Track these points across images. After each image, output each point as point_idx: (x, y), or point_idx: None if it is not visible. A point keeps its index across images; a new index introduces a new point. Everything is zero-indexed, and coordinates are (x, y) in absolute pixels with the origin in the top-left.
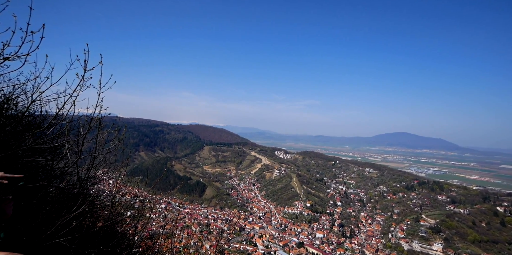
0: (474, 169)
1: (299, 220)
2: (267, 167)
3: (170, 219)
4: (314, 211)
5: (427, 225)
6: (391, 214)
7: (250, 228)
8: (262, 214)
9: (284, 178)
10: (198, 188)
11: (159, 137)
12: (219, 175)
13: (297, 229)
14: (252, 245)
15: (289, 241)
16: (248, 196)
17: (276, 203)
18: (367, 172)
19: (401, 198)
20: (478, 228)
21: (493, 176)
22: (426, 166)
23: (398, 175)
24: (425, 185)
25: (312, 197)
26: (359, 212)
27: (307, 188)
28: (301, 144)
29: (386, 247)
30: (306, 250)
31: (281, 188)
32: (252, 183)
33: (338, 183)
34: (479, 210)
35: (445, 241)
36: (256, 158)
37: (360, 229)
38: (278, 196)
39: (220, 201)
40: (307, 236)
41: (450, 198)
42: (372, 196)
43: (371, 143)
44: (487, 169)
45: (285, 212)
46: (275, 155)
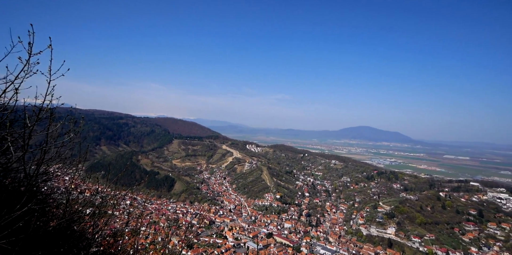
0: (423, 159)
1: (269, 212)
2: (239, 160)
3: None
4: (284, 202)
5: (383, 211)
6: (353, 203)
7: (221, 221)
8: (233, 207)
9: (255, 171)
10: (167, 183)
11: (123, 130)
12: (189, 169)
13: (267, 220)
14: (222, 237)
15: (259, 232)
16: (219, 190)
17: (247, 195)
18: (333, 164)
19: (362, 188)
20: (424, 212)
21: (438, 165)
22: (384, 157)
23: (360, 166)
24: (383, 175)
25: (282, 189)
26: (325, 202)
27: (277, 180)
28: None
29: (347, 233)
30: (274, 240)
31: (252, 181)
32: (223, 177)
33: (306, 175)
34: (426, 196)
35: (397, 225)
36: (227, 151)
37: (326, 218)
38: (249, 189)
39: (189, 196)
40: (276, 226)
41: (403, 186)
42: (337, 186)
43: (337, 136)
44: (434, 159)
45: (255, 204)
46: (247, 149)
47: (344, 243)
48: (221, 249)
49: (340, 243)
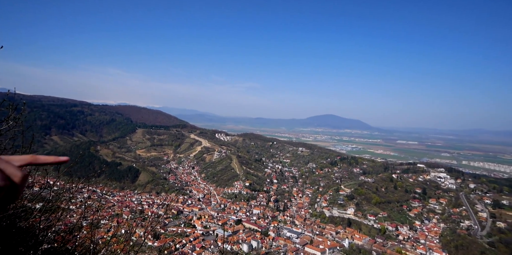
0: (380, 144)
1: (238, 199)
2: (207, 149)
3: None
4: (253, 189)
5: (344, 194)
6: (318, 187)
7: (189, 210)
8: (202, 196)
9: (225, 160)
10: (130, 174)
11: (78, 119)
12: (155, 159)
13: (236, 207)
14: (190, 227)
15: (228, 220)
16: (187, 179)
17: (216, 184)
18: (300, 151)
19: (327, 173)
20: (379, 193)
21: (392, 150)
22: (346, 144)
23: (325, 152)
24: (345, 160)
25: (251, 177)
26: (292, 187)
27: (246, 168)
28: (241, 126)
29: (312, 216)
30: (243, 226)
31: (222, 169)
32: (191, 166)
33: (275, 162)
34: (381, 178)
35: (356, 205)
36: (195, 140)
37: (292, 203)
38: (218, 177)
39: (156, 186)
40: (245, 213)
41: (362, 170)
42: (303, 172)
43: (304, 125)
44: (388, 144)
45: (225, 192)
46: (216, 138)
47: (309, 225)
48: (189, 237)
49: (305, 225)
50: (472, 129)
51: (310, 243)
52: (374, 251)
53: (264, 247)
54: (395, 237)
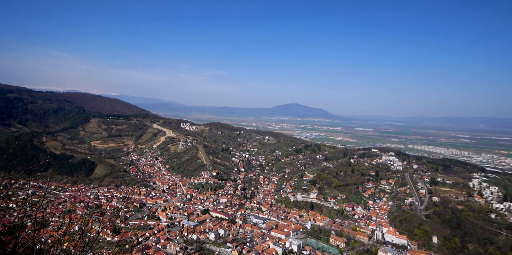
0: (340, 132)
1: (205, 189)
2: (172, 139)
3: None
4: (220, 179)
5: (308, 179)
6: (284, 174)
7: (153, 202)
8: (167, 188)
9: (191, 150)
10: (85, 167)
11: (16, 107)
12: (114, 150)
13: (203, 197)
14: (154, 219)
15: (195, 210)
16: (151, 171)
17: (182, 175)
18: (266, 140)
19: (292, 160)
20: (339, 177)
21: (351, 136)
22: (310, 132)
23: (290, 140)
24: (309, 148)
25: (218, 166)
26: (259, 175)
27: (213, 158)
28: (207, 116)
29: (278, 202)
30: (210, 215)
31: (187, 160)
32: (155, 157)
33: (242, 151)
34: (340, 163)
35: (318, 189)
36: (159, 131)
37: (259, 190)
38: (184, 168)
39: (115, 179)
40: (212, 202)
41: (324, 156)
42: (269, 160)
43: (270, 114)
44: (348, 131)
45: (191, 183)
46: (181, 127)
47: (275, 211)
48: (153, 230)
49: (271, 211)
50: (417, 116)
51: (276, 227)
52: (333, 230)
53: (231, 234)
54: (351, 216)
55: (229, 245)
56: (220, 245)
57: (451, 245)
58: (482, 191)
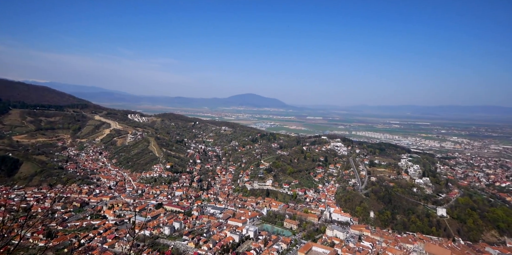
0: (293, 121)
1: (159, 183)
2: (119, 132)
3: None
4: (174, 171)
5: (264, 167)
6: (241, 164)
7: (97, 201)
8: (114, 184)
9: (141, 143)
10: (4, 166)
11: None
12: (45, 146)
13: (156, 191)
14: (100, 218)
15: (147, 205)
16: (93, 167)
17: (132, 169)
18: (223, 130)
19: (248, 150)
20: (293, 164)
21: (303, 125)
22: (266, 122)
23: (247, 130)
24: (265, 137)
25: (172, 159)
26: (215, 166)
27: (166, 150)
28: (159, 106)
29: (235, 191)
30: (164, 209)
31: (138, 153)
32: (98, 152)
33: (198, 142)
34: (294, 151)
35: (274, 177)
36: (102, 122)
37: (216, 181)
38: (133, 162)
39: (47, 178)
40: (166, 196)
41: (279, 145)
42: (226, 150)
43: (226, 104)
44: (300, 120)
45: (142, 177)
46: (129, 119)
47: (232, 200)
48: (98, 230)
49: (228, 201)
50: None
51: (233, 216)
52: (287, 214)
53: (187, 227)
54: (304, 200)
55: (185, 238)
56: (175, 238)
57: (384, 217)
58: (408, 169)
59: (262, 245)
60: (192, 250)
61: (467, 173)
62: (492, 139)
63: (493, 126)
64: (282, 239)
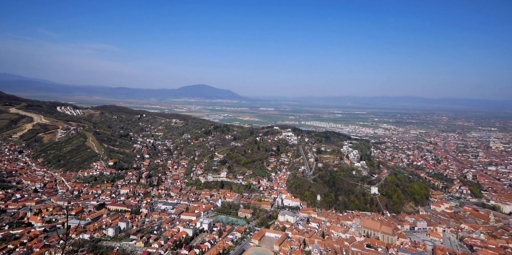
0: (247, 112)
1: (100, 182)
2: (45, 127)
3: None
4: (119, 168)
5: (218, 159)
6: (194, 157)
7: (17, 207)
8: (40, 186)
9: (76, 138)
10: None
11: None
12: None
13: (97, 191)
14: (22, 226)
15: (86, 206)
16: (11, 168)
17: (64, 168)
18: (173, 123)
19: (201, 142)
20: (246, 154)
21: (256, 116)
22: (219, 113)
23: (199, 122)
24: (218, 129)
25: (116, 155)
26: (166, 160)
27: (108, 146)
28: (97, 98)
29: (188, 185)
30: (108, 209)
31: (72, 150)
32: (17, 150)
33: (145, 136)
34: (248, 142)
35: (228, 168)
36: (21, 116)
37: (167, 175)
38: (67, 160)
39: None
40: (109, 195)
41: (233, 136)
42: (178, 144)
43: (176, 95)
44: (253, 112)
45: (78, 176)
46: (58, 112)
47: (185, 194)
48: (21, 240)
49: (181, 195)
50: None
51: (186, 210)
52: (241, 204)
53: (135, 226)
54: (257, 189)
55: (133, 237)
56: (121, 239)
57: (329, 199)
58: (349, 154)
59: (217, 236)
60: (141, 249)
61: (393, 155)
62: (412, 125)
63: (413, 114)
64: (236, 228)
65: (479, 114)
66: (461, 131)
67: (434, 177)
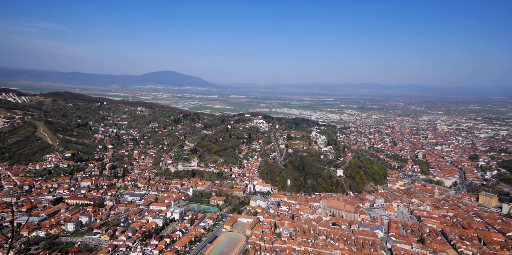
0: (217, 100)
1: (55, 175)
2: None
3: None
4: (78, 160)
5: (188, 148)
6: (162, 146)
7: None
8: None
9: (23, 129)
10: None
11: None
12: None
13: (53, 185)
14: None
15: (39, 202)
16: None
17: (10, 162)
18: (139, 111)
19: (170, 131)
20: (218, 142)
21: (227, 103)
22: (188, 101)
23: (168, 111)
24: (188, 117)
25: (74, 146)
26: (132, 150)
27: (64, 136)
28: (46, 83)
29: (157, 175)
30: (66, 203)
31: (19, 141)
32: None
33: (107, 125)
34: (219, 130)
35: (199, 157)
36: None
37: (134, 166)
38: (12, 152)
39: None
40: (68, 189)
41: (204, 124)
42: (145, 133)
43: (141, 82)
44: (224, 99)
45: (29, 170)
46: None
47: (154, 184)
48: None
49: (149, 186)
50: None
51: (156, 201)
52: (213, 192)
53: (99, 219)
54: (229, 176)
55: (97, 231)
56: (83, 234)
57: (298, 183)
58: (317, 140)
59: (188, 224)
60: (106, 243)
61: (357, 139)
62: (373, 111)
63: (374, 100)
64: (208, 216)
65: (428, 99)
66: (414, 115)
67: (391, 158)
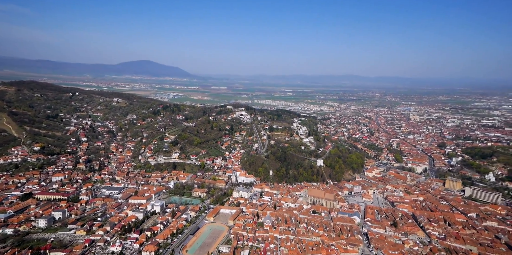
0: (198, 91)
1: (23, 169)
2: None
3: None
4: (49, 153)
5: (169, 140)
6: (141, 139)
7: None
8: None
9: None
10: None
11: None
12: None
13: (20, 180)
14: None
15: (6, 198)
16: None
17: None
18: (115, 102)
19: (150, 123)
20: (200, 134)
21: (209, 95)
22: (168, 92)
23: (146, 102)
24: (168, 109)
25: (43, 138)
26: (109, 143)
27: (31, 128)
28: (9, 71)
29: (136, 168)
30: (36, 199)
31: None
32: None
33: (80, 117)
34: (201, 122)
35: (180, 149)
36: None
37: (111, 159)
38: None
39: None
40: (38, 184)
41: (184, 116)
42: (122, 125)
43: (116, 72)
44: (205, 90)
45: None
46: None
47: (133, 178)
48: None
49: (128, 179)
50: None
51: (135, 194)
52: (195, 184)
53: (74, 214)
54: (212, 168)
55: (71, 227)
56: (56, 230)
57: (280, 174)
58: (298, 131)
59: (170, 217)
60: (82, 238)
61: (336, 130)
62: (352, 102)
63: (353, 91)
64: (191, 208)
65: (402, 91)
66: (389, 106)
67: (368, 147)
